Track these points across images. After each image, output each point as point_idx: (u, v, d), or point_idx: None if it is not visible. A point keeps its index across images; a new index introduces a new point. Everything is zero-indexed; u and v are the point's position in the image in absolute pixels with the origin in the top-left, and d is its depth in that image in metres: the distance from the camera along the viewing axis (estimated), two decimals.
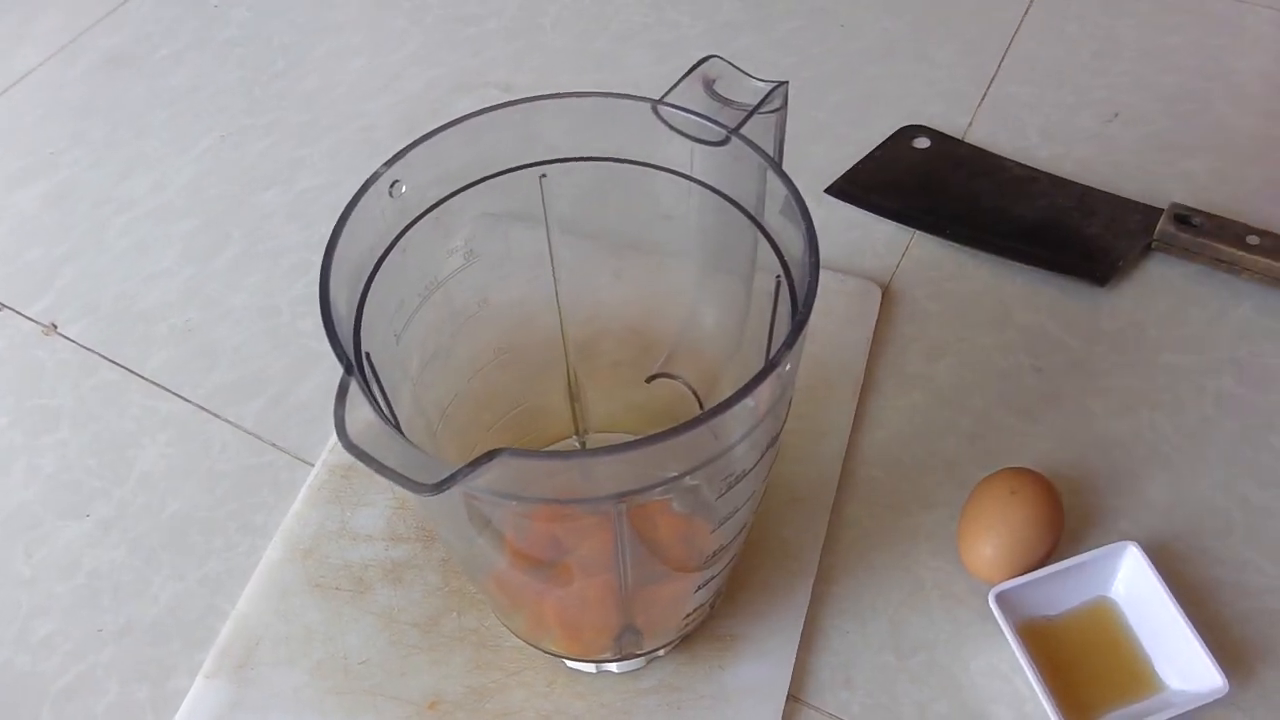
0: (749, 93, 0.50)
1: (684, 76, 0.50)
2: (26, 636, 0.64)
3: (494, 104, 0.51)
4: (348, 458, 0.68)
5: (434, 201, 0.51)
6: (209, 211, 0.86)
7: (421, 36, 1.00)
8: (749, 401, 0.41)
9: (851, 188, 0.85)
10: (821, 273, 0.45)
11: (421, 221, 0.51)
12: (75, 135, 0.93)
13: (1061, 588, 0.62)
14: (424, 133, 0.50)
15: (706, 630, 0.61)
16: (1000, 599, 0.60)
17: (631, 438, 0.39)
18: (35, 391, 0.75)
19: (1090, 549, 0.62)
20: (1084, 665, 0.60)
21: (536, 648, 0.60)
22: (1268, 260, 0.75)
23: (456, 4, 1.03)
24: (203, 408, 0.74)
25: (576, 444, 0.67)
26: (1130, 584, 0.62)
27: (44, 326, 0.79)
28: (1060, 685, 0.58)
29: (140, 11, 1.04)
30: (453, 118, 0.50)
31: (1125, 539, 0.62)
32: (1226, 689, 0.56)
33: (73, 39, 1.02)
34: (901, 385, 0.73)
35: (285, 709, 0.60)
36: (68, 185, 0.89)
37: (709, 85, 0.50)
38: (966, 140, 0.88)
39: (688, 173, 0.52)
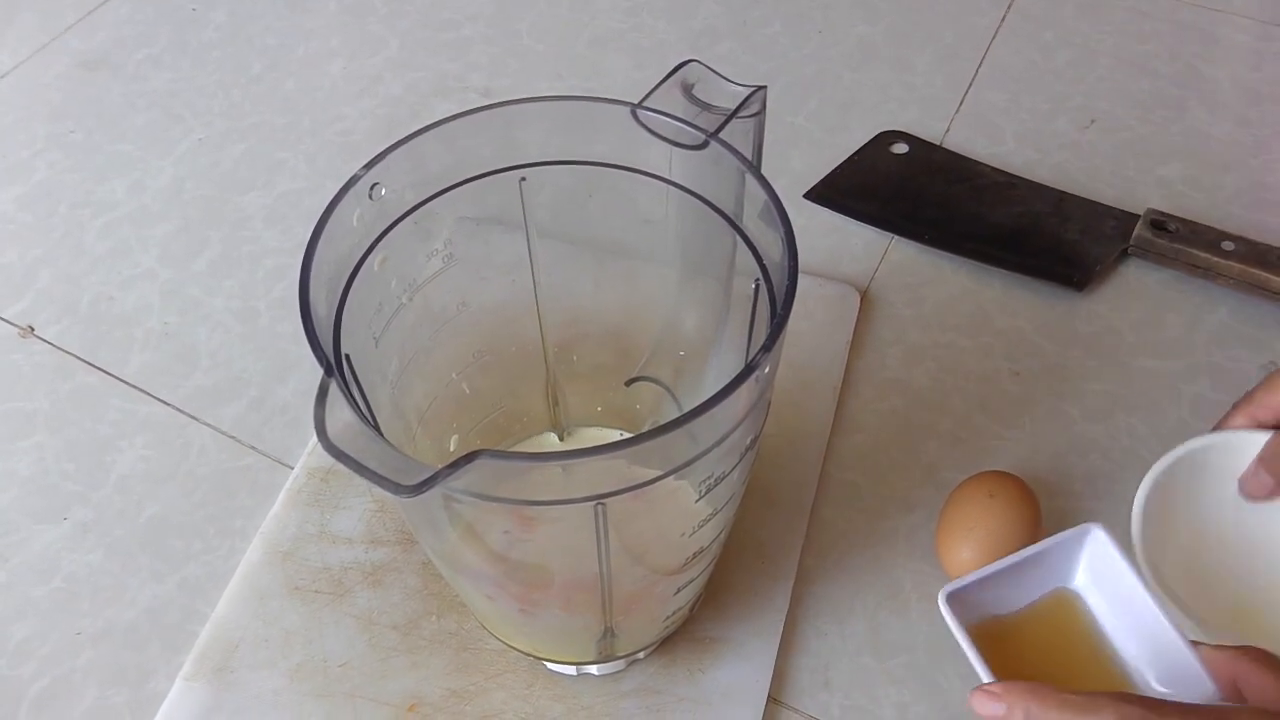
0: (728, 97, 0.50)
1: (663, 81, 0.50)
2: (3, 641, 0.64)
3: (473, 107, 0.51)
4: (327, 461, 0.68)
5: (413, 204, 0.51)
6: (187, 214, 0.86)
7: (399, 41, 1.00)
8: (728, 404, 0.42)
9: (830, 193, 0.85)
10: (800, 277, 0.45)
11: (401, 224, 0.51)
12: (52, 138, 0.93)
13: (1017, 581, 0.55)
14: (403, 136, 0.50)
15: (686, 633, 0.62)
16: (953, 599, 0.53)
17: (611, 440, 0.40)
18: (11, 394, 0.75)
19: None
20: (1045, 668, 0.55)
21: (516, 650, 0.60)
22: (1243, 266, 0.75)
23: (432, 9, 1.03)
24: (181, 410, 0.74)
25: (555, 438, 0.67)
26: (1096, 574, 0.55)
27: (21, 329, 0.79)
28: None
29: (117, 14, 1.04)
30: (432, 121, 0.50)
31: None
32: (1218, 695, 0.50)
33: (48, 41, 1.02)
34: (880, 389, 0.73)
35: (265, 712, 0.60)
36: (45, 188, 0.89)
37: (688, 89, 0.51)
38: (944, 146, 0.89)
39: (667, 176, 0.52)
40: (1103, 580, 0.56)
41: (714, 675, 0.60)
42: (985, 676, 0.51)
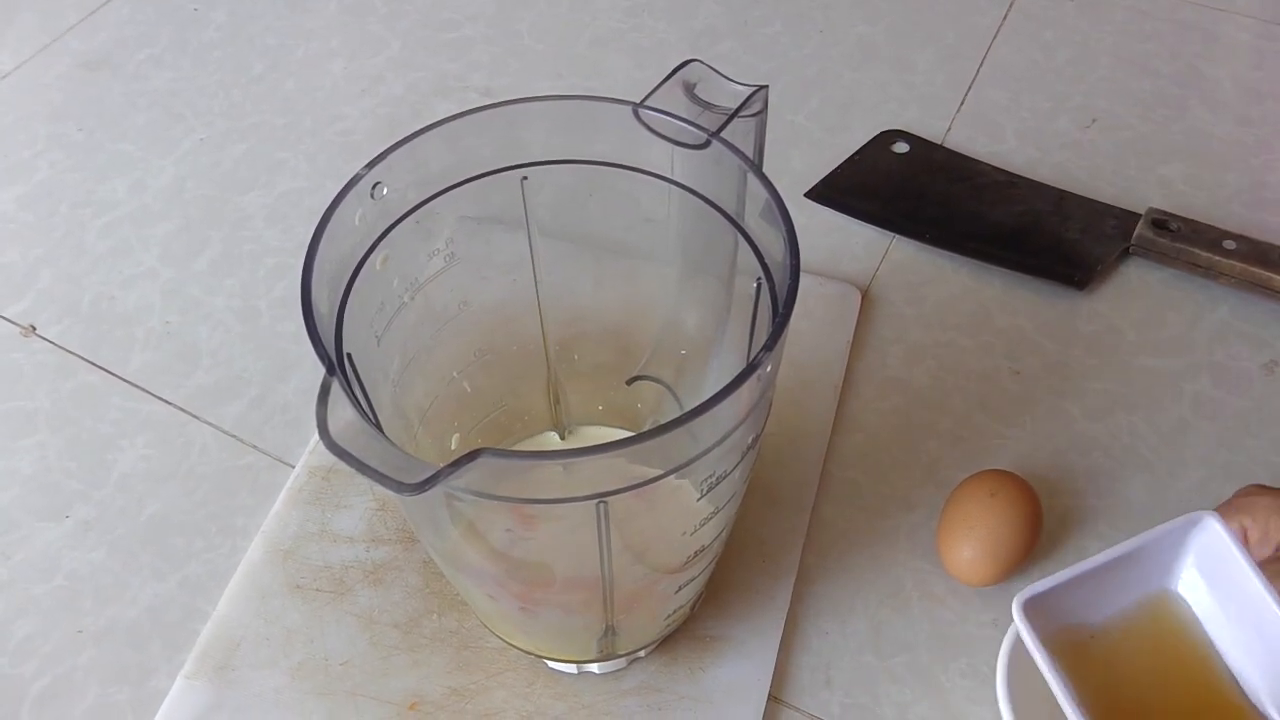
0: (729, 96, 0.50)
1: (665, 80, 0.50)
2: (5, 639, 0.64)
3: (474, 107, 0.51)
4: (328, 459, 0.68)
5: (415, 204, 0.51)
6: (188, 214, 0.86)
7: (399, 41, 1.00)
8: (729, 403, 0.42)
9: (831, 192, 0.85)
10: (801, 276, 0.45)
11: (402, 224, 0.51)
12: (53, 137, 0.93)
13: (1109, 583, 0.46)
14: (404, 135, 0.50)
15: (687, 631, 0.62)
16: (1030, 608, 0.44)
17: (612, 438, 0.40)
18: (12, 394, 0.75)
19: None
20: (1141, 689, 0.45)
21: (517, 648, 0.60)
22: (1243, 265, 0.75)
23: (432, 9, 1.03)
24: (183, 409, 0.74)
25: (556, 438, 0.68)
26: (1207, 574, 0.46)
27: (22, 328, 0.79)
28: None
29: (118, 15, 1.04)
30: (433, 121, 0.50)
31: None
32: None
33: (50, 42, 1.02)
34: (881, 388, 0.73)
35: (266, 710, 0.60)
36: (46, 187, 0.89)
37: (689, 89, 0.51)
38: (945, 145, 0.89)
39: (668, 176, 0.52)
40: (1215, 582, 0.46)
41: (715, 673, 0.60)
42: (1070, 710, 0.42)
